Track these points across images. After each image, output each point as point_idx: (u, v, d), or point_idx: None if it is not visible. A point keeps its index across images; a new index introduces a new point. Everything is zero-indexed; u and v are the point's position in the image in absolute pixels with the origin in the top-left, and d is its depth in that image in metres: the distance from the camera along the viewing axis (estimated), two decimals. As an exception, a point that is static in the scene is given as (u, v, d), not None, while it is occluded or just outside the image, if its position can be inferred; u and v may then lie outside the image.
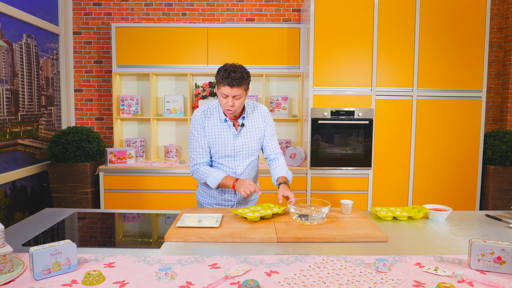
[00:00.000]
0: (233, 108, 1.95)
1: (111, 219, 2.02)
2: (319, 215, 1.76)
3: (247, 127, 2.09)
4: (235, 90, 1.90)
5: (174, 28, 3.87)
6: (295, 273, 1.29)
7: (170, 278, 1.23)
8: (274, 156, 2.20)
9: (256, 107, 2.16)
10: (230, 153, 2.07)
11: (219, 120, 2.06)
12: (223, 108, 1.99)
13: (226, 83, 1.88)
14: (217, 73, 1.93)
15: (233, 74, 1.87)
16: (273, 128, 2.20)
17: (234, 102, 1.93)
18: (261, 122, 2.14)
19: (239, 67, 1.93)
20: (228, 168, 2.10)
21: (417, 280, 1.25)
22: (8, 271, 1.26)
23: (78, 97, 4.21)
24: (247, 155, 2.11)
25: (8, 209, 3.20)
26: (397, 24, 3.48)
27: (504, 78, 4.15)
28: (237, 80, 1.88)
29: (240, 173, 2.11)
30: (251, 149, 2.11)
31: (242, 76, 1.90)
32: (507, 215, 2.03)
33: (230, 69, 1.89)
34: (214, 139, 2.06)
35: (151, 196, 3.58)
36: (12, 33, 3.21)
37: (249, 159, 2.12)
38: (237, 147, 2.07)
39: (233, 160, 2.09)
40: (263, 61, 3.90)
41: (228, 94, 1.91)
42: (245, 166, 2.12)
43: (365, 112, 3.51)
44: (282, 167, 2.15)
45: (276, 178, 2.12)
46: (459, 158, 3.60)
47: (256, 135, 2.12)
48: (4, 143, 3.14)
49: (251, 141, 2.10)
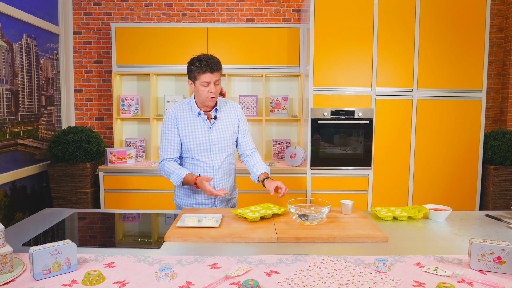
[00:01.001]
0: (216, 95, 2.02)
1: (111, 219, 2.02)
2: (319, 215, 1.76)
3: (220, 119, 2.12)
4: (215, 75, 1.99)
5: (174, 28, 3.87)
6: (295, 273, 1.29)
7: (170, 278, 1.23)
8: (250, 152, 2.24)
9: (227, 102, 2.22)
10: (205, 146, 2.09)
11: (192, 114, 2.10)
12: (205, 98, 2.02)
13: (207, 69, 1.96)
14: (192, 65, 2.00)
15: (211, 60, 1.97)
16: (247, 124, 2.25)
17: (215, 88, 2.01)
18: (234, 117, 2.18)
19: (211, 55, 2.01)
20: (205, 163, 2.10)
21: (417, 280, 1.25)
22: (8, 271, 1.26)
23: (78, 97, 4.21)
24: (223, 148, 2.12)
25: (8, 209, 3.20)
26: (397, 24, 3.48)
27: (504, 78, 4.15)
28: (216, 65, 1.98)
29: (218, 167, 2.11)
30: (226, 142, 2.13)
31: (218, 62, 2.01)
32: (507, 215, 2.03)
33: (206, 57, 1.98)
34: (189, 133, 2.08)
35: (151, 196, 3.58)
36: (12, 33, 3.21)
37: (225, 153, 2.14)
38: (212, 139, 2.09)
39: (209, 154, 2.10)
40: (263, 61, 3.90)
41: (210, 81, 1.98)
42: (222, 161, 2.13)
43: (365, 112, 3.51)
44: (260, 164, 2.18)
45: (257, 175, 2.14)
46: (459, 158, 3.60)
47: (230, 128, 2.15)
48: (4, 143, 3.14)
49: (225, 133, 2.12)
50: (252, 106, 3.99)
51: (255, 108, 3.99)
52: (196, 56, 2.00)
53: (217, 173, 2.12)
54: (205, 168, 2.11)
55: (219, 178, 2.13)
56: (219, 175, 2.13)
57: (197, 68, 1.97)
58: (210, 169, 2.11)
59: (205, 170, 2.11)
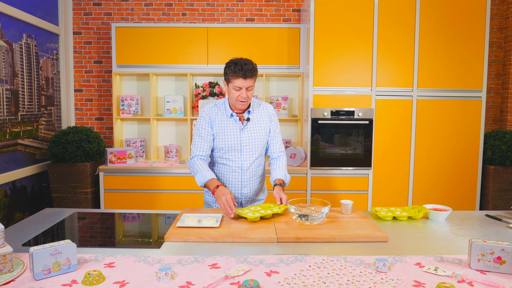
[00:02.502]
0: (246, 100, 2.02)
1: (111, 219, 2.02)
2: (319, 215, 1.76)
3: (252, 121, 2.13)
4: (248, 81, 1.98)
5: (174, 28, 3.87)
6: (295, 273, 1.29)
7: (170, 278, 1.23)
8: (277, 155, 2.23)
9: (260, 104, 2.21)
10: (236, 147, 2.10)
11: (225, 115, 2.11)
12: (236, 101, 2.03)
13: (241, 75, 1.96)
14: (227, 67, 2.00)
15: (245, 66, 1.96)
16: (278, 127, 2.24)
17: (247, 94, 2.00)
18: (267, 119, 2.18)
19: (248, 59, 2.02)
20: (234, 163, 2.12)
21: (417, 280, 1.25)
22: (8, 271, 1.26)
23: (78, 97, 4.21)
24: (253, 150, 2.13)
25: (8, 209, 3.20)
26: (397, 24, 3.48)
27: (504, 78, 4.15)
28: (250, 72, 1.97)
29: (246, 168, 2.12)
30: (257, 144, 2.14)
31: (253, 68, 2.00)
32: (507, 215, 2.03)
33: (242, 61, 1.98)
34: (222, 133, 2.09)
35: (151, 196, 3.58)
36: (12, 33, 3.21)
37: (255, 155, 2.14)
38: (244, 141, 2.10)
39: (239, 154, 2.11)
40: (263, 61, 3.90)
41: (241, 86, 1.98)
42: (251, 162, 2.13)
43: (365, 112, 3.51)
44: (282, 168, 2.18)
45: (273, 179, 2.15)
46: (459, 158, 3.60)
47: (262, 131, 2.15)
48: (4, 143, 3.14)
49: (256, 135, 2.13)
50: (252, 106, 3.98)
51: (255, 108, 3.98)
52: (233, 59, 2.01)
53: (245, 174, 2.13)
54: (234, 168, 2.12)
55: (246, 179, 2.14)
56: (247, 176, 2.14)
57: (231, 71, 1.98)
58: (239, 170, 2.12)
59: (233, 170, 2.12)
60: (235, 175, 2.13)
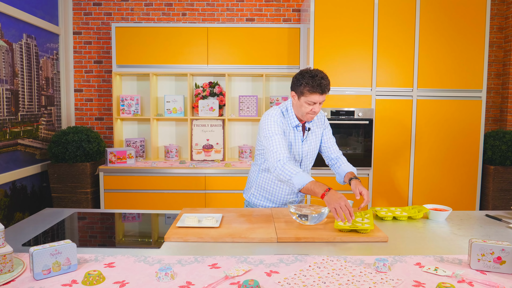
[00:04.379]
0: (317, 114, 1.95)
1: (111, 219, 2.02)
2: (319, 215, 1.76)
3: (311, 132, 2.09)
4: (323, 97, 1.89)
5: (174, 28, 3.87)
6: (295, 273, 1.29)
7: (170, 278, 1.23)
8: (335, 156, 2.19)
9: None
10: (297, 158, 2.06)
11: (289, 125, 2.02)
12: (306, 114, 1.93)
13: (319, 90, 1.85)
14: (302, 79, 1.87)
15: (323, 81, 1.85)
16: (331, 131, 2.21)
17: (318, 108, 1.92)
18: (320, 126, 2.14)
19: (323, 73, 1.90)
20: None
21: (417, 280, 1.25)
22: (8, 271, 1.26)
23: (78, 97, 4.21)
24: (310, 159, 2.11)
25: (8, 209, 3.20)
26: (397, 24, 3.48)
27: (504, 78, 4.15)
28: (327, 87, 1.87)
29: None
30: (313, 153, 2.12)
31: (329, 82, 1.89)
32: (507, 215, 2.03)
33: (319, 75, 1.86)
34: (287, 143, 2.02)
35: (151, 196, 3.58)
36: (12, 33, 3.21)
37: (311, 164, 2.13)
38: (304, 152, 2.07)
39: (299, 165, 2.08)
40: (263, 61, 3.90)
41: (317, 101, 1.88)
42: (307, 171, 2.11)
43: (365, 112, 3.51)
44: (346, 164, 2.13)
45: (343, 175, 2.07)
46: (459, 158, 3.60)
47: (317, 139, 2.13)
48: (4, 143, 3.14)
49: (314, 146, 2.11)
50: (252, 106, 3.99)
51: (255, 108, 3.99)
52: (309, 71, 1.88)
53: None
54: None
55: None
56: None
57: (308, 85, 1.85)
58: None
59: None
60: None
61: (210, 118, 3.96)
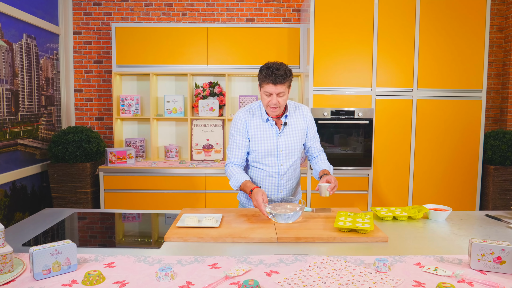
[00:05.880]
0: (277, 106, 1.97)
1: (111, 219, 2.02)
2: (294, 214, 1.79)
3: (289, 126, 2.08)
4: (278, 87, 1.91)
5: (174, 28, 3.87)
6: (295, 273, 1.29)
7: (170, 278, 1.23)
8: (316, 154, 2.23)
9: (298, 107, 2.16)
10: (273, 152, 2.06)
11: (261, 119, 2.06)
12: (266, 106, 1.99)
13: (270, 81, 1.90)
14: (260, 72, 1.96)
15: (277, 71, 1.90)
16: (315, 129, 2.21)
17: (278, 100, 1.95)
18: (303, 122, 2.14)
19: (282, 64, 1.95)
20: (270, 168, 2.09)
21: (417, 280, 1.25)
22: (8, 271, 1.26)
23: (78, 97, 4.21)
24: (290, 154, 2.10)
25: (8, 209, 3.20)
26: (397, 24, 3.48)
27: (504, 78, 4.15)
28: (281, 78, 1.90)
29: (283, 173, 2.10)
30: (293, 148, 2.10)
31: (285, 73, 1.92)
32: (507, 215, 2.03)
33: (273, 66, 1.91)
34: (258, 139, 2.05)
35: (151, 196, 3.58)
36: (12, 33, 3.21)
37: (292, 159, 2.11)
38: (280, 146, 2.06)
39: (276, 159, 2.08)
40: (263, 61, 3.81)
41: (272, 92, 1.93)
42: (288, 166, 2.10)
43: (365, 112, 3.51)
44: (324, 162, 2.18)
45: (318, 172, 2.14)
46: (459, 158, 3.60)
47: (298, 135, 2.11)
48: (4, 143, 3.14)
49: (293, 140, 2.09)
50: (252, 106, 3.98)
51: (255, 108, 3.98)
52: (267, 63, 1.96)
53: (282, 179, 2.10)
54: (270, 173, 2.09)
55: (283, 183, 2.12)
56: (284, 181, 2.11)
57: (262, 76, 1.93)
58: (275, 175, 2.09)
59: (270, 175, 2.09)
60: (272, 180, 2.10)
61: (210, 118, 3.96)
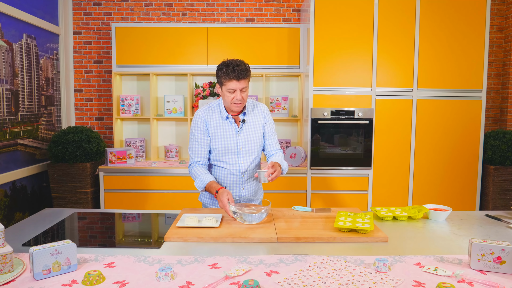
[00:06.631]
0: (241, 101, 1.99)
1: (111, 219, 2.02)
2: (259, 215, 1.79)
3: (248, 123, 2.11)
4: (242, 83, 1.94)
5: (174, 28, 3.87)
6: (295, 273, 1.29)
7: (170, 278, 1.23)
8: (273, 153, 2.22)
9: (256, 105, 2.19)
10: (233, 149, 2.09)
11: (220, 117, 2.09)
12: (230, 103, 2.00)
13: (234, 77, 1.92)
14: (219, 70, 1.96)
15: (238, 67, 1.92)
16: (273, 126, 2.22)
17: (242, 96, 1.97)
18: (261, 119, 2.16)
19: (240, 60, 1.97)
20: (232, 165, 2.11)
21: (417, 280, 1.25)
22: (8, 271, 1.26)
23: (78, 97, 4.21)
24: (250, 151, 2.12)
25: (8, 209, 3.20)
26: (397, 24, 3.48)
27: (504, 78, 4.15)
28: (243, 73, 1.93)
29: (244, 171, 2.12)
30: (253, 145, 2.12)
31: (246, 68, 1.95)
32: (507, 215, 2.03)
33: (234, 63, 1.93)
34: (218, 137, 2.08)
35: (151, 196, 3.58)
36: (12, 33, 3.21)
37: (252, 156, 2.13)
38: (240, 143, 2.09)
39: (236, 157, 2.10)
40: (263, 61, 3.90)
41: (235, 88, 1.95)
42: (249, 163, 2.12)
43: (365, 112, 3.51)
44: (277, 157, 2.17)
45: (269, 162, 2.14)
46: (459, 158, 3.60)
47: (258, 132, 2.14)
48: (4, 143, 3.14)
49: (253, 137, 2.12)
50: (252, 106, 3.98)
51: (255, 108, 3.98)
52: (225, 61, 1.97)
53: (243, 176, 2.12)
54: (231, 171, 2.11)
55: (245, 181, 2.14)
56: (245, 178, 2.13)
57: (223, 74, 1.93)
58: (237, 172, 2.11)
59: (231, 172, 2.11)
60: (233, 178, 2.12)
61: (210, 118, 3.95)
